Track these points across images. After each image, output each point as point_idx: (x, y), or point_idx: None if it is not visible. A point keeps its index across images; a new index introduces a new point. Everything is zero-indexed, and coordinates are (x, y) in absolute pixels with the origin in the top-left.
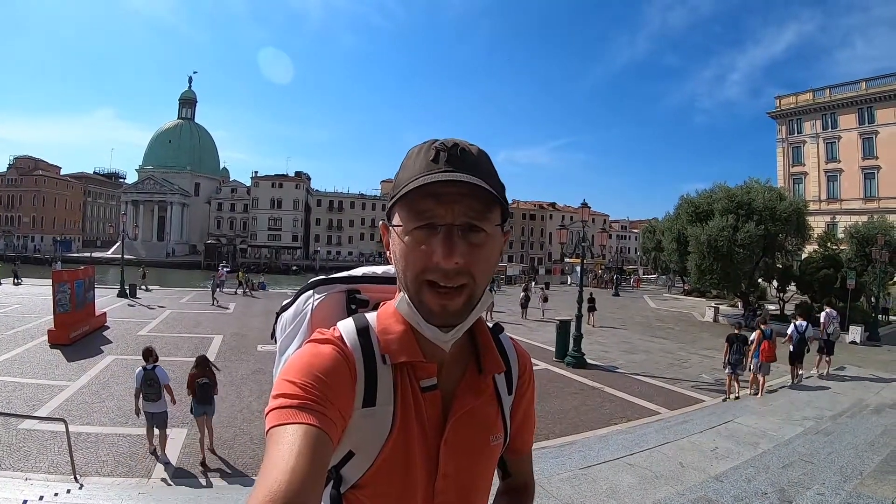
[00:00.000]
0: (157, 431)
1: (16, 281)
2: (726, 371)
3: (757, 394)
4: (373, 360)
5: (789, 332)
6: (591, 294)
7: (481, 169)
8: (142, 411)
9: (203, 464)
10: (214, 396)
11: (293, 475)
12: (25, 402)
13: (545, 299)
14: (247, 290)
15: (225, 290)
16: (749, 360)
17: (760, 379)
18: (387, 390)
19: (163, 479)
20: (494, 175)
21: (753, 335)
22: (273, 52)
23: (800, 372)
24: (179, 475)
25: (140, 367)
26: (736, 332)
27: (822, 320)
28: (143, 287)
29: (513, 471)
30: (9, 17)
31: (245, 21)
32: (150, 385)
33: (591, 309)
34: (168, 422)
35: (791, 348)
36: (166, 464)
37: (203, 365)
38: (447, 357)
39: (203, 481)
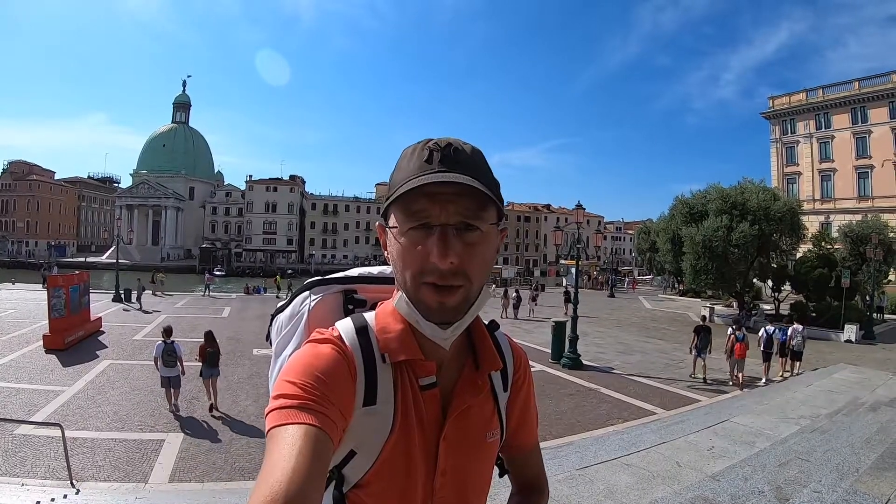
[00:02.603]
0: (173, 390)
1: (45, 286)
2: (693, 355)
3: (738, 385)
4: (372, 360)
5: (760, 335)
6: (567, 289)
7: (475, 167)
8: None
9: (210, 412)
10: (219, 363)
11: (294, 475)
12: (21, 408)
13: (532, 299)
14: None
15: (212, 293)
16: (725, 358)
17: (738, 373)
18: (387, 389)
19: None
20: (488, 173)
21: (729, 335)
22: (270, 53)
23: (770, 370)
24: (176, 479)
25: (161, 342)
26: (701, 323)
27: (788, 333)
28: (160, 294)
29: (515, 467)
30: (0, 22)
31: (238, 24)
32: (170, 355)
33: (567, 301)
34: (180, 383)
35: (762, 348)
36: (178, 411)
37: (211, 339)
38: (445, 355)
39: (200, 485)
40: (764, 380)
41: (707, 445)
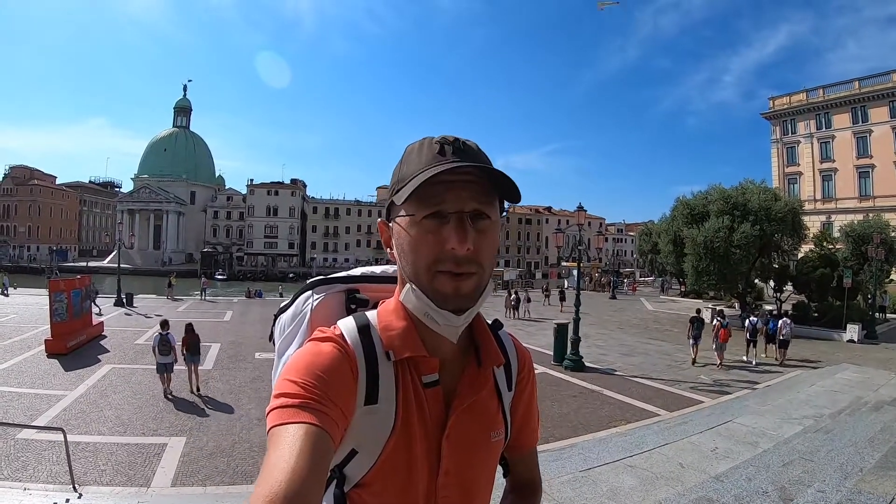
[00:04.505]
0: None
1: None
2: (690, 342)
3: (718, 364)
4: (374, 358)
5: (746, 324)
6: (560, 287)
7: (483, 160)
8: (157, 361)
9: (191, 392)
10: (199, 350)
11: (294, 475)
12: (23, 412)
13: (528, 300)
14: None
15: (208, 297)
16: (711, 341)
17: (719, 354)
18: (388, 387)
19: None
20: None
21: (714, 323)
22: (270, 55)
23: (754, 352)
24: (179, 483)
25: (157, 333)
26: (695, 315)
27: (778, 325)
28: (171, 297)
29: (516, 469)
30: (1, 27)
31: (239, 29)
32: (165, 344)
33: (562, 299)
34: (174, 369)
35: (747, 336)
36: (172, 395)
37: (191, 330)
38: (449, 353)
39: (203, 489)
40: (753, 362)
41: (710, 446)
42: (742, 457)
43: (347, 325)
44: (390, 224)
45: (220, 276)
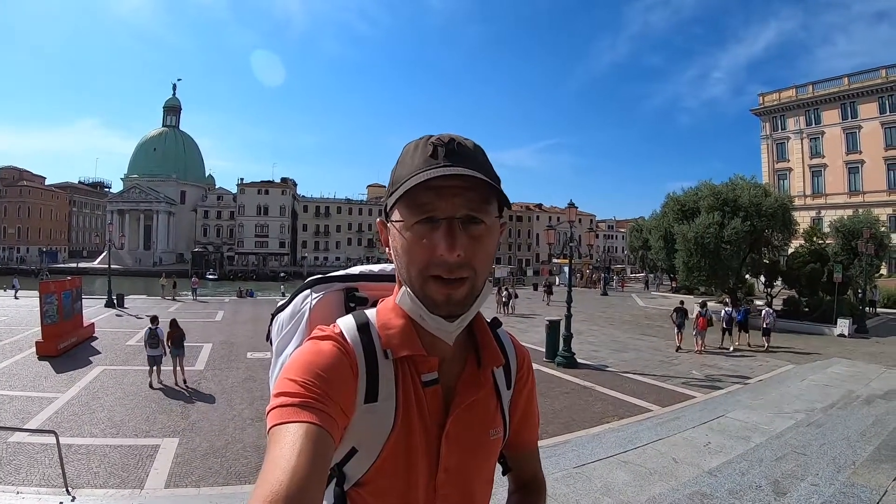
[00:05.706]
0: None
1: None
2: (675, 330)
3: (699, 351)
4: (374, 356)
5: (722, 314)
6: (549, 283)
7: (478, 162)
8: (147, 354)
9: (175, 384)
10: (184, 345)
11: (294, 474)
12: (15, 415)
13: (515, 296)
14: None
15: (199, 297)
16: (692, 330)
17: (700, 340)
18: (388, 386)
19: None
20: (490, 167)
21: (695, 312)
22: (264, 54)
23: (731, 341)
24: (172, 485)
25: (147, 328)
26: (679, 305)
27: (762, 315)
28: (173, 297)
29: (516, 466)
30: None
31: (229, 28)
32: (153, 338)
33: (549, 293)
34: (162, 363)
35: (723, 325)
36: (161, 385)
37: (175, 325)
38: (448, 352)
39: (197, 490)
40: (730, 348)
41: (703, 441)
42: (735, 451)
43: (347, 324)
44: (388, 225)
45: (211, 276)
